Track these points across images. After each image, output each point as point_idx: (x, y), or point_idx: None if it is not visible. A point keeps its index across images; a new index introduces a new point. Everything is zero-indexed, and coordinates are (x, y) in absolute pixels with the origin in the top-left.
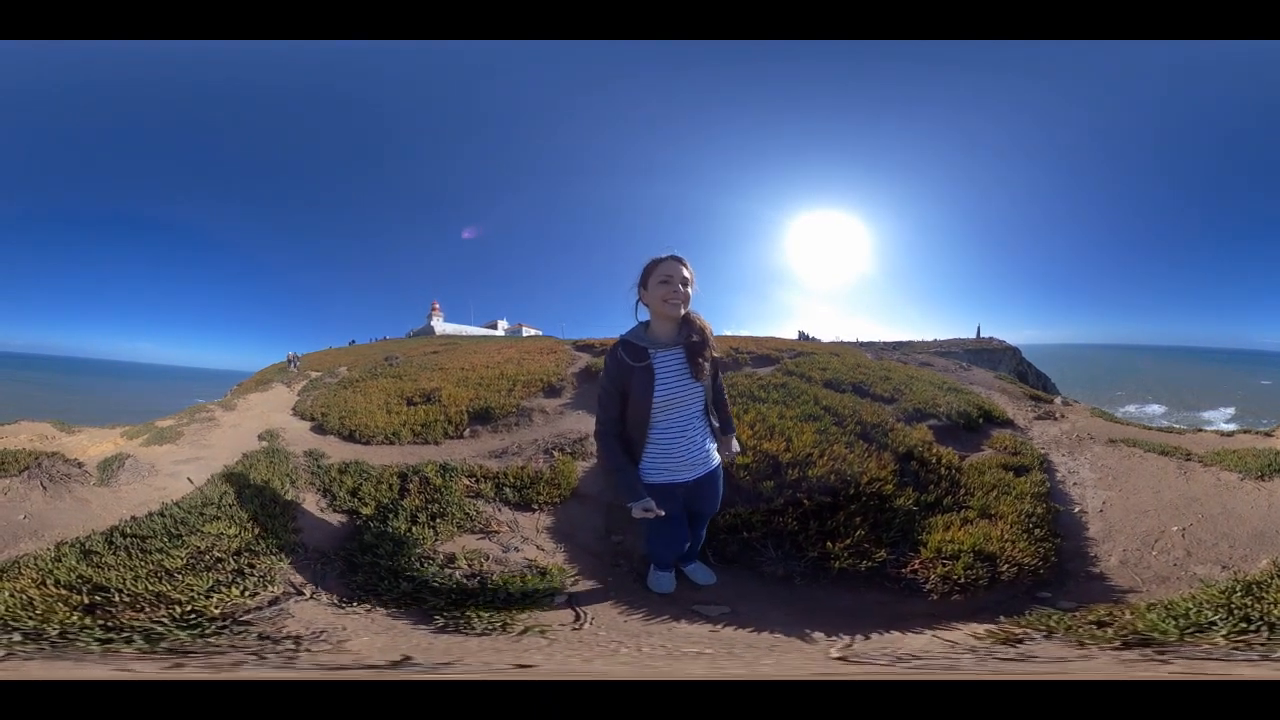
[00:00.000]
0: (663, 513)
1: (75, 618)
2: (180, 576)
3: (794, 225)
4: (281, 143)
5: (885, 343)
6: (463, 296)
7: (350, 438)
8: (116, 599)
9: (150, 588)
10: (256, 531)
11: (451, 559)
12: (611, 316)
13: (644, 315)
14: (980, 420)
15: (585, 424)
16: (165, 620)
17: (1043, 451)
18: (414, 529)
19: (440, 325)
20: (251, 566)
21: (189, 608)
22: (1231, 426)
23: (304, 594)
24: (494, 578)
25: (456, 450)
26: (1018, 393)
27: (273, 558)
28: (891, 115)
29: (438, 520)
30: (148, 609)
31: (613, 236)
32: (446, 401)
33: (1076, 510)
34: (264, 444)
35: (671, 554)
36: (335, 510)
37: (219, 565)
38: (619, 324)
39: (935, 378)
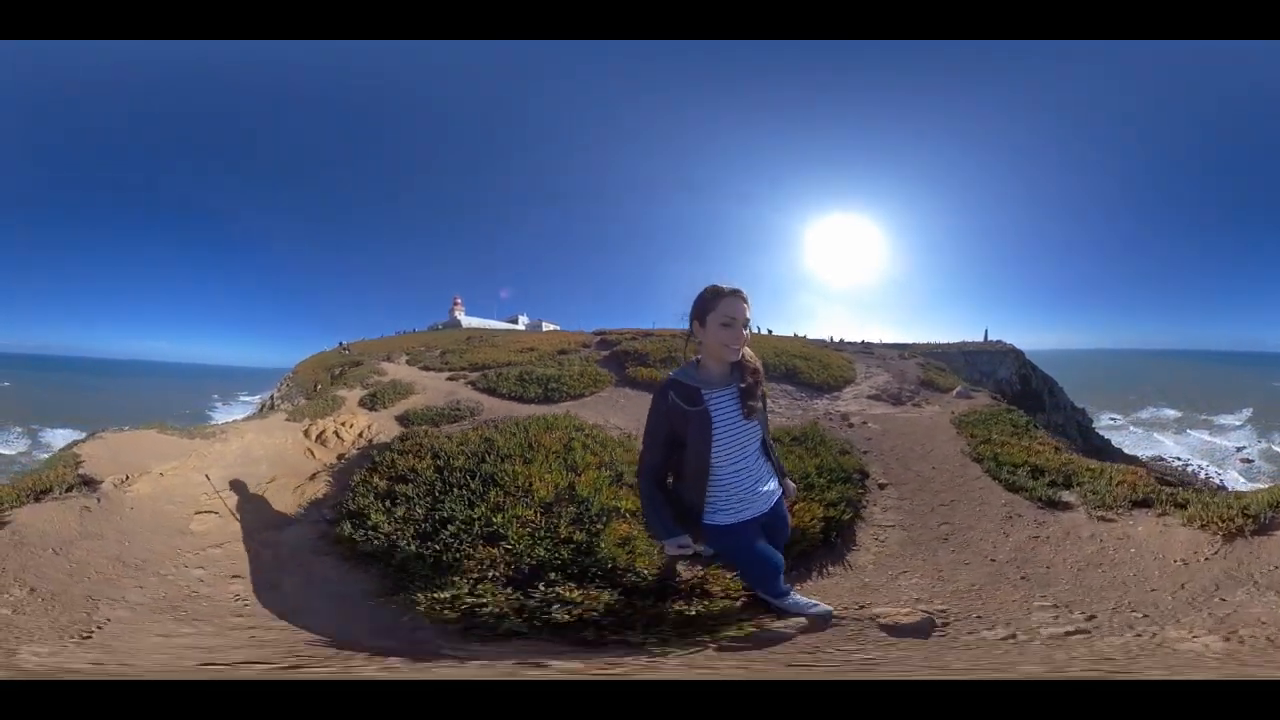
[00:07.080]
0: (700, 548)
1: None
2: None
3: (811, 231)
4: (290, 142)
5: (884, 344)
6: (478, 292)
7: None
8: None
9: None
10: None
11: None
12: (619, 313)
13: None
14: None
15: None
16: None
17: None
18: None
19: (465, 319)
20: None
21: None
22: (1248, 430)
23: None
24: None
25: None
26: (913, 374)
27: None
28: (908, 121)
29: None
30: None
31: (621, 237)
32: (543, 350)
33: None
34: (462, 383)
35: (773, 577)
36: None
37: None
38: (627, 319)
39: (824, 356)
